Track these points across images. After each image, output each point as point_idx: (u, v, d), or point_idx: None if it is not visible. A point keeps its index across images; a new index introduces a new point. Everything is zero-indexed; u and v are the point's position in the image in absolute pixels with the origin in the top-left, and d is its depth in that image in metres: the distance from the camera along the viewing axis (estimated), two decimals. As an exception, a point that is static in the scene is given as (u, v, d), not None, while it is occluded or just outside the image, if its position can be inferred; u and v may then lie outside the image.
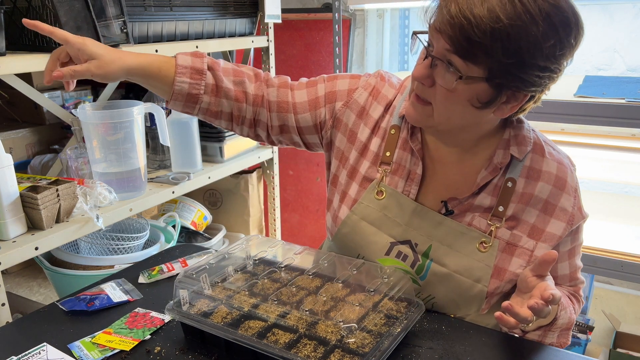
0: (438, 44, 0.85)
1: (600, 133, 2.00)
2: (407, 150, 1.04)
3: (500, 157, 0.97)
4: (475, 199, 0.99)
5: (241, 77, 1.09)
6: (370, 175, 1.06)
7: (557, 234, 0.98)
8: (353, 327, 0.84)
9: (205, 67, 1.05)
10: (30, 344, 0.95)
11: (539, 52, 0.81)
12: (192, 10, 1.78)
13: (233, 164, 2.01)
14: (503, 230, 0.98)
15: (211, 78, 1.06)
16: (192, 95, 1.05)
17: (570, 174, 0.99)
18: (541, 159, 0.98)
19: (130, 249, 1.74)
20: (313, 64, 2.63)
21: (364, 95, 1.09)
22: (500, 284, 0.98)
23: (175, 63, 1.03)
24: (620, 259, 1.69)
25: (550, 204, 0.98)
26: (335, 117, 1.10)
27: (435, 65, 0.87)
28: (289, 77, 1.14)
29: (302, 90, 1.11)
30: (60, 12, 1.33)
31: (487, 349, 0.93)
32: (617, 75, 2.11)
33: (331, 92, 1.10)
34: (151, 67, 1.02)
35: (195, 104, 1.06)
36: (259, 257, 1.09)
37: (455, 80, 0.84)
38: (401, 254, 1.03)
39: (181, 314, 0.93)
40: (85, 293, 1.12)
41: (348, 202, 1.08)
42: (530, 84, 0.84)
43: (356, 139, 1.09)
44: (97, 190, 1.47)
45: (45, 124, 2.03)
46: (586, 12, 2.12)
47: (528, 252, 0.98)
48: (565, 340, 0.99)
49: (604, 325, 2.16)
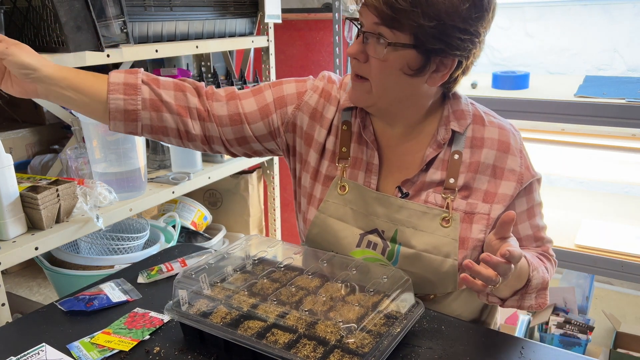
0: (367, 20, 0.93)
1: (600, 133, 2.00)
2: (362, 143, 1.08)
3: (442, 133, 1.03)
4: (425, 175, 1.04)
5: (182, 91, 1.07)
6: (331, 173, 1.10)
7: (508, 194, 1.01)
8: (352, 327, 0.84)
9: (139, 81, 1.04)
10: (29, 344, 0.95)
11: (457, 15, 0.88)
12: (192, 10, 1.78)
13: (233, 164, 2.01)
14: (458, 202, 1.02)
15: (148, 92, 1.04)
16: (129, 112, 1.03)
17: (512, 137, 1.04)
18: (482, 128, 1.04)
19: (130, 249, 1.74)
20: (313, 64, 2.63)
21: (314, 97, 1.11)
22: (467, 253, 1.01)
23: (107, 82, 1.02)
24: (620, 259, 1.69)
25: (498, 167, 1.02)
26: (288, 121, 1.11)
27: (367, 40, 0.94)
28: (235, 88, 1.14)
29: (250, 99, 1.11)
30: (60, 12, 1.33)
31: (487, 349, 0.93)
32: (617, 75, 2.11)
33: (280, 97, 1.11)
34: (83, 80, 1.00)
35: (136, 121, 1.04)
36: (259, 257, 1.09)
37: (385, 48, 0.91)
38: (371, 244, 1.06)
39: (180, 314, 0.93)
40: (84, 293, 1.12)
41: (315, 203, 1.11)
42: (454, 47, 0.91)
43: (313, 141, 1.11)
44: (97, 190, 1.47)
45: (45, 124, 2.03)
46: (586, 12, 2.12)
47: (485, 216, 1.01)
48: (543, 301, 1.01)
49: (604, 325, 2.16)
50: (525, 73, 1.90)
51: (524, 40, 2.26)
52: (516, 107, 1.70)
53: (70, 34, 1.35)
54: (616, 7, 2.06)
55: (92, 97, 1.01)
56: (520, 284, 0.98)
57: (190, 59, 2.41)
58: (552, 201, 2.02)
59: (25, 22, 1.41)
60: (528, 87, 1.90)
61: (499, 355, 0.92)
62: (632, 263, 1.67)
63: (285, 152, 1.16)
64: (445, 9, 0.88)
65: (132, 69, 1.05)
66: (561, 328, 2.02)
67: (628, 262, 1.68)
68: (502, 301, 1.01)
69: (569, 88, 1.82)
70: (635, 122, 1.59)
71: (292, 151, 1.15)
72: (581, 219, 1.92)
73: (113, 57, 1.49)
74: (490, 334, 0.98)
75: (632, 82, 1.88)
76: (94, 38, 1.40)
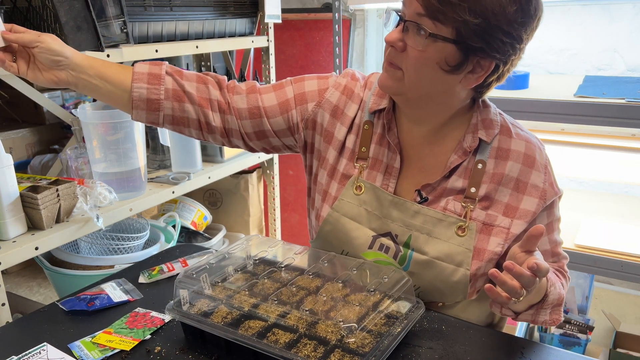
0: (410, 9, 0.91)
1: (600, 133, 2.00)
2: (384, 145, 1.07)
3: (469, 141, 1.01)
4: (447, 182, 1.02)
5: (204, 83, 1.09)
6: (348, 172, 1.09)
7: (531, 210, 1.00)
8: (353, 326, 0.84)
9: (164, 72, 1.06)
10: (31, 344, 0.95)
11: (503, 15, 0.87)
12: (192, 10, 1.78)
13: (233, 164, 2.01)
14: (478, 212, 1.01)
15: (171, 82, 1.06)
16: (152, 100, 1.05)
17: (538, 152, 1.02)
18: (509, 139, 1.02)
19: (130, 249, 1.74)
20: (313, 64, 2.63)
21: (336, 94, 1.10)
22: (481, 264, 1.00)
23: (132, 71, 1.05)
24: (620, 259, 1.69)
25: (522, 181, 1.00)
26: (308, 118, 1.11)
27: (406, 29, 0.92)
28: (256, 82, 1.15)
29: (270, 94, 1.12)
30: (60, 12, 1.33)
31: (487, 349, 0.93)
32: (617, 75, 2.11)
33: (300, 94, 1.12)
34: (109, 69, 1.04)
35: (158, 110, 1.06)
36: (259, 257, 1.09)
37: (425, 39, 0.89)
38: (383, 246, 1.05)
39: (181, 313, 0.93)
40: (86, 293, 1.12)
41: (329, 200, 1.10)
42: (494, 48, 0.90)
43: (333, 138, 1.10)
44: (97, 190, 1.47)
45: (45, 124, 2.03)
46: (586, 12, 2.12)
47: (505, 230, 1.00)
48: (558, 317, 0.99)
49: (604, 325, 2.16)
50: (525, 73, 1.90)
51: (523, 40, 2.27)
52: (516, 107, 1.70)
53: (71, 34, 1.35)
54: (616, 7, 2.06)
55: (118, 85, 1.05)
56: (537, 298, 0.95)
57: (190, 59, 2.41)
58: (552, 201, 2.02)
59: (26, 22, 1.41)
60: (528, 87, 1.90)
61: (500, 355, 0.92)
62: (632, 263, 1.67)
63: (302, 149, 1.16)
64: (492, 8, 0.86)
65: (157, 62, 1.07)
66: (561, 328, 2.03)
67: (628, 262, 1.68)
68: (515, 314, 0.97)
69: (569, 88, 1.82)
70: (635, 122, 1.59)
71: (309, 148, 1.14)
72: (581, 219, 1.92)
73: (113, 57, 1.49)
74: (491, 334, 0.99)
75: (632, 82, 1.88)
76: (94, 38, 1.40)
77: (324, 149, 1.11)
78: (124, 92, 1.05)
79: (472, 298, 1.04)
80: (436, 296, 1.05)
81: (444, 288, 1.02)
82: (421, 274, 1.03)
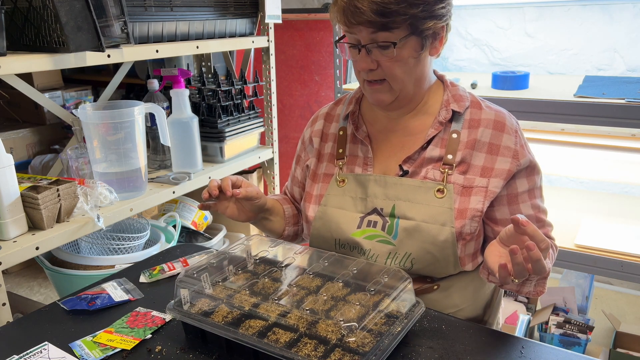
0: (361, 34, 1.01)
1: (600, 133, 2.01)
2: (357, 142, 1.17)
3: (444, 113, 1.10)
4: (425, 152, 1.10)
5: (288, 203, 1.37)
6: (329, 171, 1.20)
7: (505, 168, 1.06)
8: (353, 326, 0.84)
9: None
10: (32, 343, 0.95)
11: None
12: (192, 10, 1.78)
13: (233, 164, 2.02)
14: (456, 176, 1.07)
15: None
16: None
17: (508, 118, 1.10)
18: (479, 111, 1.11)
19: (130, 249, 1.74)
20: (313, 64, 2.63)
21: (316, 140, 1.25)
22: (466, 222, 1.05)
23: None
24: (620, 259, 1.70)
25: (494, 144, 1.07)
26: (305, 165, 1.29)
27: (370, 51, 1.02)
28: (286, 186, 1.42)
29: (298, 168, 1.34)
30: (60, 12, 1.33)
31: (487, 349, 0.93)
32: (617, 75, 2.11)
33: (298, 156, 1.33)
34: (275, 205, 1.28)
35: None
36: (260, 257, 1.09)
37: (393, 49, 1.00)
38: (371, 222, 1.11)
39: (182, 313, 0.93)
40: (87, 292, 1.12)
41: (314, 200, 1.19)
42: (439, 16, 1.01)
43: (315, 151, 1.24)
44: (98, 190, 1.47)
45: (45, 124, 2.04)
46: (586, 12, 2.12)
47: (483, 188, 1.06)
48: (542, 289, 1.04)
49: (604, 325, 2.17)
50: (525, 73, 1.91)
51: (523, 40, 2.27)
52: (516, 107, 1.70)
53: (71, 34, 1.36)
54: (616, 7, 2.06)
55: (278, 215, 1.29)
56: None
57: (190, 59, 2.41)
58: (552, 201, 2.02)
59: (26, 22, 1.41)
60: (528, 87, 1.90)
61: (499, 355, 0.92)
62: (632, 263, 1.68)
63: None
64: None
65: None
66: (561, 328, 2.03)
67: (628, 262, 1.68)
68: (501, 283, 1.01)
69: (569, 88, 1.82)
70: (635, 122, 1.59)
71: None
72: (581, 219, 1.93)
73: (113, 57, 1.50)
74: (491, 334, 0.99)
75: (632, 82, 1.89)
76: (94, 38, 1.41)
77: (312, 163, 1.24)
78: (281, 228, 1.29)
79: (465, 269, 1.08)
80: (429, 264, 1.07)
81: (434, 251, 1.06)
82: (410, 239, 1.07)
